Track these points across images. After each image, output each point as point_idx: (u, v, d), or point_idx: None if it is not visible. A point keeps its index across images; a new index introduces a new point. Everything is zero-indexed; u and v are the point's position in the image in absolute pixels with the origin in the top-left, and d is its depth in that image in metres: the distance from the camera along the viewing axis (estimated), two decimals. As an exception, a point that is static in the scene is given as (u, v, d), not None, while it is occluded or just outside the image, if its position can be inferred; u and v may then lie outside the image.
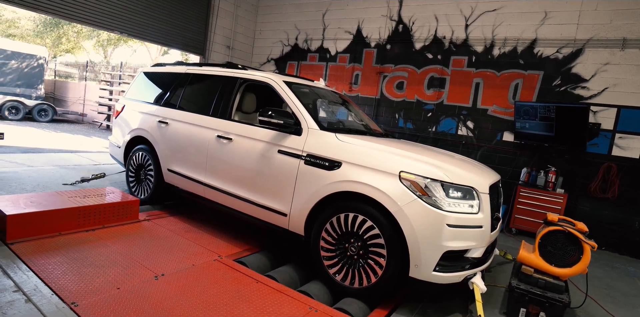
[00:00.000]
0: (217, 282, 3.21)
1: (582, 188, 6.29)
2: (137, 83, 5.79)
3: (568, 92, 6.40)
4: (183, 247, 3.87)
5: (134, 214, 4.42)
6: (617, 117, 6.04)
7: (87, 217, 4.01)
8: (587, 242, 3.18)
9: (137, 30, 7.81)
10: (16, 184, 5.40)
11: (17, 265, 3.09)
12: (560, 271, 3.27)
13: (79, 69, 20.56)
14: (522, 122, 6.46)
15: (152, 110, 5.18)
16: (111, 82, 16.30)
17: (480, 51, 7.17)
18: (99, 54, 26.73)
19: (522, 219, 6.31)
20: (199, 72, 4.97)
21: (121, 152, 5.59)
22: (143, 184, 5.25)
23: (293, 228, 3.65)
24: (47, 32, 24.10)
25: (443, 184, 3.04)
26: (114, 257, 3.44)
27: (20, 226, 3.54)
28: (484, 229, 3.14)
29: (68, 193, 4.35)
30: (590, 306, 3.81)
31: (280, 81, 4.15)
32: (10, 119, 14.64)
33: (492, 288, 3.83)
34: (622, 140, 6.00)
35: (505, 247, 5.14)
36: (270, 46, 10.09)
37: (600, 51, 6.15)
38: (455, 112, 7.45)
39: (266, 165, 3.83)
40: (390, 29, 8.16)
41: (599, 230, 6.06)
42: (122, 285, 2.96)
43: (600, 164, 6.13)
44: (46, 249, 3.41)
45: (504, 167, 6.88)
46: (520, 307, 3.24)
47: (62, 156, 8.14)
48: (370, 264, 3.17)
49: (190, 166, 4.58)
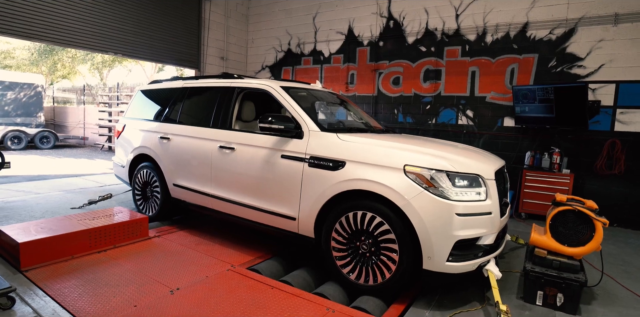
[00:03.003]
0: (232, 291, 3.22)
1: (587, 167, 6.25)
2: (136, 102, 5.82)
3: (565, 73, 6.36)
4: (195, 260, 3.88)
5: (143, 232, 4.43)
6: (617, 93, 5.99)
7: (98, 239, 4.03)
8: (598, 219, 3.16)
9: (131, 50, 7.87)
10: (25, 212, 5.43)
11: (34, 291, 3.12)
12: (574, 251, 3.24)
13: (76, 93, 20.72)
14: (521, 106, 6.44)
15: (152, 127, 5.20)
16: (109, 103, 16.43)
17: (473, 40, 7.15)
18: (95, 77, 26.93)
19: (531, 203, 6.26)
20: (195, 85, 4.99)
21: (126, 171, 5.62)
22: (150, 201, 5.27)
23: (303, 231, 3.65)
24: (42, 60, 24.32)
25: (448, 174, 3.03)
26: (128, 275, 3.45)
27: (33, 253, 3.57)
28: (494, 215, 3.13)
29: (77, 216, 4.38)
30: (607, 283, 3.77)
31: (277, 87, 4.16)
32: (13, 148, 14.78)
33: (507, 274, 3.81)
34: (624, 116, 5.96)
35: (517, 233, 5.10)
36: (264, 54, 10.13)
37: (593, 28, 6.11)
38: (453, 102, 7.43)
39: (271, 171, 3.83)
40: (381, 25, 8.17)
41: (609, 207, 5.99)
42: (138, 302, 2.97)
43: (603, 141, 6.08)
44: (61, 273, 3.44)
45: (508, 152, 6.85)
46: (537, 290, 3.22)
47: (68, 181, 8.19)
48: (383, 260, 3.16)
49: (195, 179, 4.60)
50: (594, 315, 3.14)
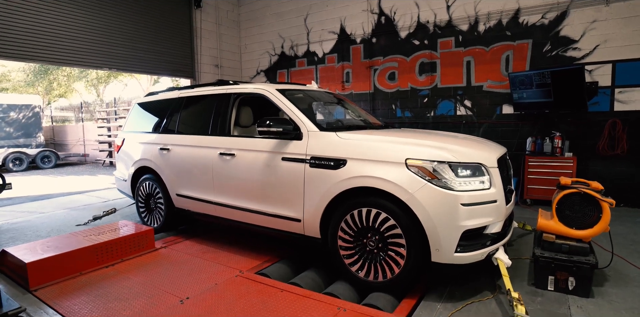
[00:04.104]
0: (242, 296, 3.20)
1: (590, 149, 6.21)
2: (133, 115, 5.82)
3: (560, 56, 6.33)
4: (203, 268, 3.86)
5: (150, 244, 4.42)
6: (614, 73, 5.96)
7: (105, 253, 4.02)
8: (605, 200, 3.12)
9: (125, 64, 7.89)
10: (31, 232, 5.43)
11: (44, 310, 3.11)
12: (582, 233, 3.21)
13: (74, 111, 20.77)
14: (519, 92, 6.40)
15: (151, 139, 5.19)
16: (107, 119, 16.47)
17: (465, 30, 7.13)
18: (92, 94, 27.04)
19: (535, 189, 6.23)
20: (191, 94, 4.98)
21: (128, 185, 5.61)
22: (154, 212, 5.26)
23: (309, 232, 3.63)
24: (38, 80, 24.47)
25: (451, 165, 3.00)
26: (137, 288, 3.43)
27: (41, 272, 3.56)
28: (499, 203, 3.10)
29: (82, 233, 4.37)
30: (618, 264, 3.73)
31: (273, 90, 4.14)
32: (15, 170, 14.80)
33: (516, 261, 3.78)
34: (622, 95, 5.92)
35: (523, 219, 5.06)
36: (258, 58, 10.14)
37: (586, 10, 6.08)
38: (450, 93, 7.40)
39: (272, 174, 3.81)
40: (373, 22, 8.16)
41: (615, 187, 5.94)
42: (149, 314, 2.96)
43: (604, 122, 6.04)
44: (70, 291, 3.42)
45: (509, 140, 6.81)
46: (548, 275, 3.18)
47: (71, 198, 8.20)
48: (391, 255, 3.13)
49: (197, 188, 4.58)
50: (607, 297, 3.10)
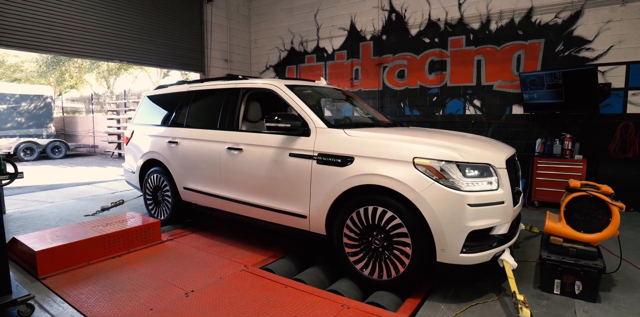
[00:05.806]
0: (247, 291, 3.22)
1: (601, 151, 6.14)
2: (143, 108, 5.85)
3: (573, 56, 6.26)
4: (209, 261, 3.89)
5: (156, 236, 4.46)
6: (627, 74, 5.87)
7: (112, 244, 4.06)
8: (614, 204, 3.09)
9: (136, 57, 7.93)
10: (40, 221, 5.49)
11: (52, 298, 3.16)
12: (591, 237, 3.18)
13: (84, 102, 20.93)
14: (529, 93, 6.35)
15: (160, 132, 5.22)
16: (117, 111, 16.59)
17: (477, 28, 7.07)
18: (102, 86, 27.20)
19: (544, 191, 6.18)
20: (201, 88, 4.99)
21: (136, 177, 5.65)
22: (161, 205, 5.30)
23: (314, 229, 3.63)
24: (50, 71, 24.65)
25: (458, 165, 2.99)
26: (143, 279, 3.47)
27: (50, 261, 3.61)
28: (506, 204, 3.08)
29: (91, 223, 4.42)
30: (626, 269, 3.70)
31: (282, 85, 4.15)
32: (26, 159, 15.02)
33: (522, 264, 3.76)
34: (636, 97, 5.84)
35: (531, 221, 5.04)
36: (267, 54, 10.13)
37: (601, 9, 6.00)
38: (460, 92, 7.36)
39: (279, 170, 3.82)
40: (383, 19, 8.11)
41: (625, 191, 5.86)
42: (154, 305, 2.99)
43: (616, 124, 5.96)
44: (77, 280, 3.47)
45: (518, 141, 6.76)
46: (554, 278, 3.16)
47: (80, 189, 8.28)
48: (396, 254, 3.13)
49: (205, 181, 4.61)
50: (614, 302, 3.08)
